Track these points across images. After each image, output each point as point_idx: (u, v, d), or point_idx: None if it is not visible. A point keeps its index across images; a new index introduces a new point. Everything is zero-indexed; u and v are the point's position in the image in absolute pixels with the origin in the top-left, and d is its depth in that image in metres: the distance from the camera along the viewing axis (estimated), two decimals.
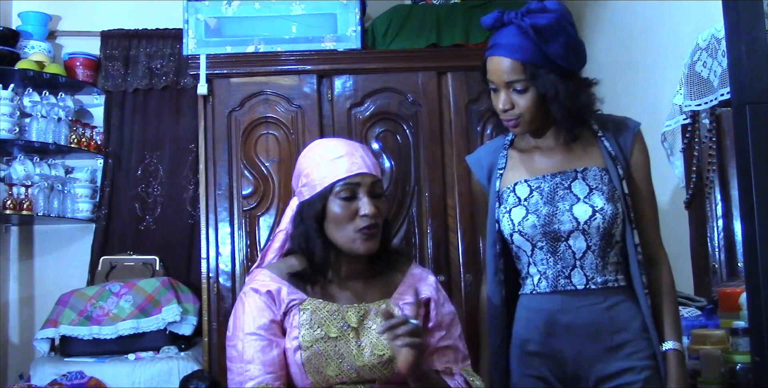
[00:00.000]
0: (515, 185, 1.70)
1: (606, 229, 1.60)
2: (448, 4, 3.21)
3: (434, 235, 3.02)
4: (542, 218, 1.63)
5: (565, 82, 1.57)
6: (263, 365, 1.53)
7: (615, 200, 1.61)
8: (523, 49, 1.55)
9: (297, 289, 1.59)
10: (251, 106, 3.08)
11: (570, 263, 1.63)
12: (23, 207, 3.29)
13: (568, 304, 1.63)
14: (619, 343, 1.60)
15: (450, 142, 3.08)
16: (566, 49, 1.55)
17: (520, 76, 1.57)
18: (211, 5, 3.13)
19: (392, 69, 3.10)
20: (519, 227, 1.65)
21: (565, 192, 1.64)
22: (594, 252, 1.61)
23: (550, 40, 1.54)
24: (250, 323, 1.55)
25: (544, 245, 1.64)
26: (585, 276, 1.62)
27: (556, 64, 1.56)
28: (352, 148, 1.62)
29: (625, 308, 1.62)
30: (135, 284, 3.18)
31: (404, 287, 1.67)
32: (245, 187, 3.04)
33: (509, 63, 1.57)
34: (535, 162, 1.71)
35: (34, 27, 3.57)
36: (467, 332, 2.91)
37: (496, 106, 1.67)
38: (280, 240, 1.73)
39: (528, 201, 1.66)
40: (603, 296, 1.61)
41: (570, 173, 1.65)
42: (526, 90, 1.59)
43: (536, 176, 1.68)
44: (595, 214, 1.60)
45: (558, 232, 1.62)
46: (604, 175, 1.63)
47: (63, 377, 2.88)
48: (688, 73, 2.24)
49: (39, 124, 3.37)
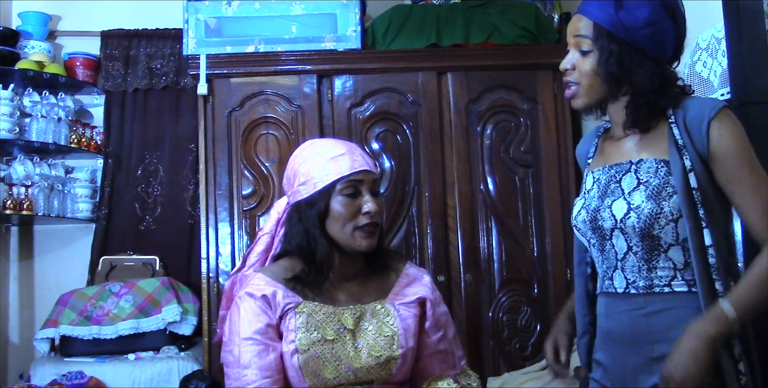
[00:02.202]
0: (586, 176, 1.61)
1: (643, 229, 1.43)
2: (448, 4, 3.21)
3: (434, 235, 3.02)
4: (590, 213, 1.52)
5: (631, 59, 1.46)
6: (260, 369, 1.52)
7: (661, 198, 1.42)
8: (601, 10, 1.47)
9: (292, 292, 1.59)
10: (251, 106, 3.09)
11: (613, 264, 1.51)
12: (23, 207, 3.29)
13: (611, 307, 1.52)
14: (662, 354, 1.41)
15: (450, 142, 3.08)
16: (646, 27, 1.44)
17: (586, 34, 1.49)
18: (211, 5, 3.13)
19: (392, 69, 3.10)
20: (575, 221, 1.57)
21: (615, 186, 1.50)
22: (636, 254, 1.46)
23: (631, 10, 1.45)
24: (246, 328, 1.55)
25: (596, 242, 1.54)
26: (625, 279, 1.48)
27: (630, 37, 1.45)
28: (351, 147, 1.63)
29: (668, 315, 1.43)
30: (135, 284, 3.18)
31: (399, 287, 1.67)
32: (245, 188, 3.04)
33: (583, 20, 1.51)
34: (605, 151, 1.60)
35: (34, 27, 3.57)
36: (467, 331, 2.94)
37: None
38: (264, 243, 1.72)
39: (588, 193, 1.56)
40: (644, 301, 1.46)
41: (625, 165, 1.51)
42: (589, 52, 1.49)
43: (600, 167, 1.57)
44: (629, 212, 1.45)
45: (602, 229, 1.50)
46: (662, 168, 1.45)
47: (63, 377, 2.88)
48: (688, 73, 2.24)
49: (39, 124, 3.37)
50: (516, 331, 3.00)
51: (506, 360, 2.96)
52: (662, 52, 1.49)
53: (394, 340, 1.59)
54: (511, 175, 3.08)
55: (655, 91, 1.47)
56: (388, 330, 1.60)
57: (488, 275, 3.03)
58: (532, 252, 3.03)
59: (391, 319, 1.61)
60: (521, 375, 2.58)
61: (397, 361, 1.59)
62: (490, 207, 3.05)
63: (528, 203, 3.06)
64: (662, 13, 1.46)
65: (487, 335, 2.99)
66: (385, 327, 1.60)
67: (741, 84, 1.87)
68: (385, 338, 1.59)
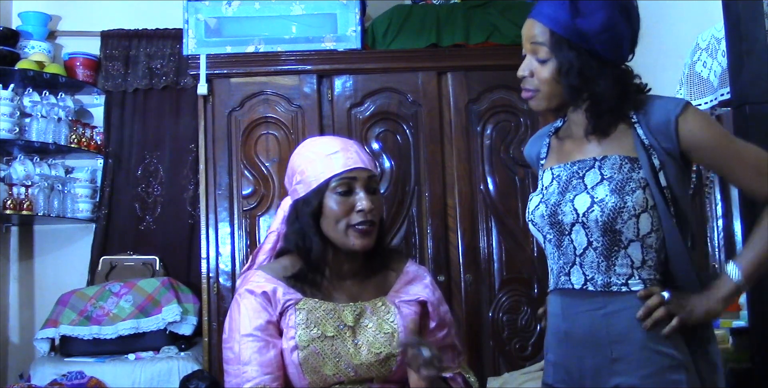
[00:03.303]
0: (543, 173, 1.60)
1: (606, 223, 1.42)
2: (448, 4, 3.21)
3: (434, 235, 3.02)
4: (549, 207, 1.51)
5: (589, 65, 1.44)
6: (260, 366, 1.53)
7: (624, 192, 1.42)
8: (556, 16, 1.45)
9: (292, 289, 1.59)
10: (251, 106, 3.09)
11: (570, 259, 1.49)
12: (23, 207, 3.29)
13: (567, 308, 1.50)
14: (620, 356, 1.42)
15: (450, 142, 3.08)
16: (602, 30, 1.42)
17: (543, 42, 1.47)
18: (211, 5, 3.13)
19: (392, 69, 3.11)
20: (531, 216, 1.56)
21: (578, 182, 1.50)
22: (596, 250, 1.45)
23: (585, 15, 1.42)
24: (246, 325, 1.56)
25: (552, 238, 1.53)
26: (583, 275, 1.47)
27: (587, 45, 1.43)
28: (347, 144, 1.63)
29: (628, 316, 1.42)
30: (135, 284, 3.18)
31: (400, 285, 1.67)
32: (245, 188, 3.04)
33: (538, 27, 1.48)
34: (564, 149, 1.59)
35: (34, 27, 3.57)
36: (468, 331, 2.94)
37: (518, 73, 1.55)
38: (271, 242, 1.72)
39: (547, 189, 1.55)
40: (602, 301, 1.45)
41: (588, 162, 1.51)
42: (547, 60, 1.47)
43: (560, 164, 1.56)
44: (593, 205, 1.44)
45: (561, 223, 1.49)
46: (626, 164, 1.45)
47: (63, 377, 2.88)
48: (688, 73, 2.25)
49: (39, 124, 3.37)
50: (516, 331, 3.00)
51: (506, 360, 2.97)
52: (620, 54, 1.48)
53: (394, 337, 1.59)
54: (511, 175, 3.08)
55: (615, 97, 1.47)
56: (388, 327, 1.60)
57: (488, 275, 3.03)
58: (532, 252, 3.03)
59: (392, 316, 1.61)
60: (521, 375, 2.58)
61: (397, 358, 1.59)
62: (490, 207, 3.05)
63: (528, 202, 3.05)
64: (617, 14, 1.44)
65: (487, 335, 2.99)
66: (385, 324, 1.60)
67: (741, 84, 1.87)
68: (385, 335, 1.59)
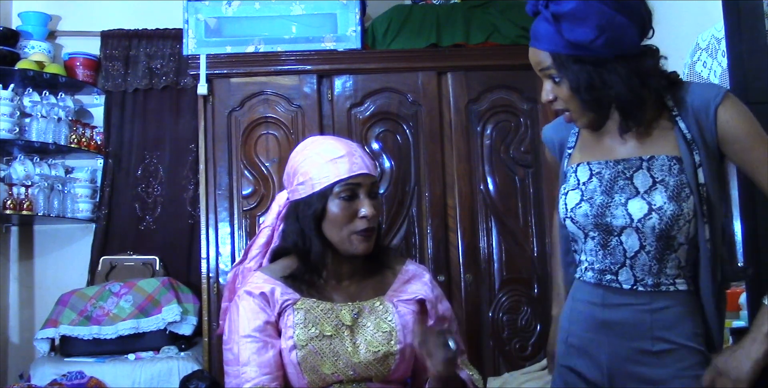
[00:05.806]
0: (578, 166, 1.56)
1: (663, 230, 1.42)
2: (448, 4, 3.21)
3: (434, 235, 3.02)
4: (595, 207, 1.49)
5: (600, 75, 1.41)
6: (259, 366, 1.54)
7: (681, 199, 1.42)
8: (547, 38, 1.44)
9: (291, 289, 1.60)
10: (251, 106, 3.09)
11: (620, 260, 1.48)
12: (23, 207, 3.29)
13: (610, 299, 1.50)
14: (662, 349, 1.45)
15: (450, 142, 3.08)
16: (600, 32, 1.38)
17: (548, 65, 1.45)
18: (211, 5, 3.13)
19: (392, 69, 3.10)
20: (571, 213, 1.53)
21: (625, 183, 1.47)
22: (649, 253, 1.45)
23: (575, 27, 1.39)
24: (245, 326, 1.56)
25: (596, 236, 1.51)
26: (634, 276, 1.47)
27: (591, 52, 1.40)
28: (351, 148, 1.63)
29: (674, 313, 1.45)
30: (135, 284, 3.18)
31: (398, 285, 1.68)
32: (245, 188, 3.04)
33: (537, 53, 1.48)
34: (603, 144, 1.55)
35: (34, 27, 3.57)
36: (468, 331, 2.94)
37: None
38: (265, 236, 1.74)
39: (586, 186, 1.52)
40: (649, 298, 1.46)
41: (634, 162, 1.48)
42: (560, 81, 1.46)
43: (600, 160, 1.53)
44: (651, 213, 1.43)
45: (610, 225, 1.47)
46: (674, 166, 1.44)
47: (63, 377, 2.88)
48: (688, 73, 2.25)
49: (39, 124, 3.37)
50: (516, 331, 3.00)
51: (506, 360, 2.97)
52: (626, 46, 1.42)
53: (392, 336, 1.60)
54: (511, 175, 3.08)
55: (637, 89, 1.43)
56: (386, 326, 1.60)
57: (488, 275, 3.03)
58: (532, 252, 3.04)
59: (390, 315, 1.62)
60: (521, 375, 2.59)
61: (396, 357, 1.59)
62: (490, 207, 3.05)
63: (528, 203, 3.06)
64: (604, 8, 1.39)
65: (487, 335, 2.99)
66: (384, 323, 1.61)
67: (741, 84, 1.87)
68: (383, 333, 1.60)
